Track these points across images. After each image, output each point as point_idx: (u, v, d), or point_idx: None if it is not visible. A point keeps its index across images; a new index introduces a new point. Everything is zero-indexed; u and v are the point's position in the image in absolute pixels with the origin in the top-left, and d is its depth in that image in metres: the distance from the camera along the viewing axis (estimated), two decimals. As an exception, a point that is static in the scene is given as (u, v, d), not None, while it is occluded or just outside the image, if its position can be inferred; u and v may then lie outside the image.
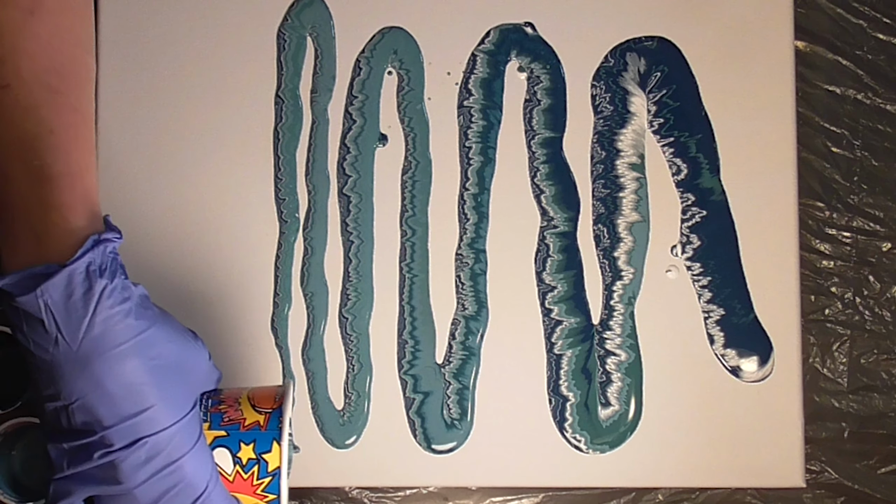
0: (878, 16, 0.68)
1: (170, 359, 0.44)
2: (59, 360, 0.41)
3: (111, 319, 0.42)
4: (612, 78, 0.66)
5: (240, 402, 0.50)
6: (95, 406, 0.41)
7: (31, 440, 0.64)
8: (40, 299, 0.40)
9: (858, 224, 0.67)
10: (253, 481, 0.48)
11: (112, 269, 0.42)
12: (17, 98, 0.42)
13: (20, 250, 0.42)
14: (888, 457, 0.66)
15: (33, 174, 0.42)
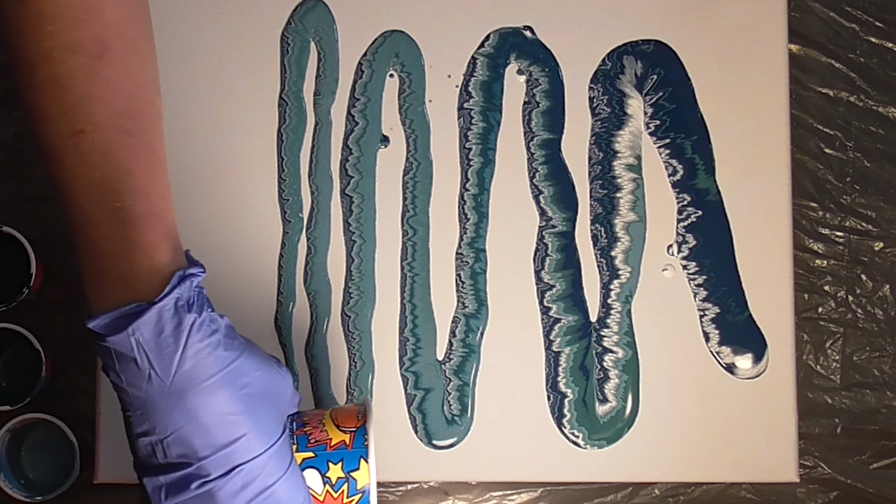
0: (871, 20, 0.68)
1: (258, 387, 0.44)
2: (152, 395, 0.41)
3: (201, 353, 0.42)
4: (610, 81, 0.66)
5: (324, 423, 0.50)
6: (190, 438, 0.41)
7: (39, 437, 0.64)
8: (132, 338, 0.40)
9: (851, 224, 0.68)
10: (343, 500, 0.48)
11: (199, 303, 0.43)
12: (94, 143, 0.41)
13: (107, 291, 0.42)
14: (880, 452, 0.66)
15: (115, 216, 0.42)
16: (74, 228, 0.43)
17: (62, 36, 0.41)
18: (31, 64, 0.41)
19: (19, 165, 0.66)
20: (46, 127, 0.42)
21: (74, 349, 0.65)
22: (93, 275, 0.42)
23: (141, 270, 0.41)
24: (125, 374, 0.41)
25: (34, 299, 0.65)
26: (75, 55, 0.41)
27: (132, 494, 0.64)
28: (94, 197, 0.42)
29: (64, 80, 0.41)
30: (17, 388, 0.65)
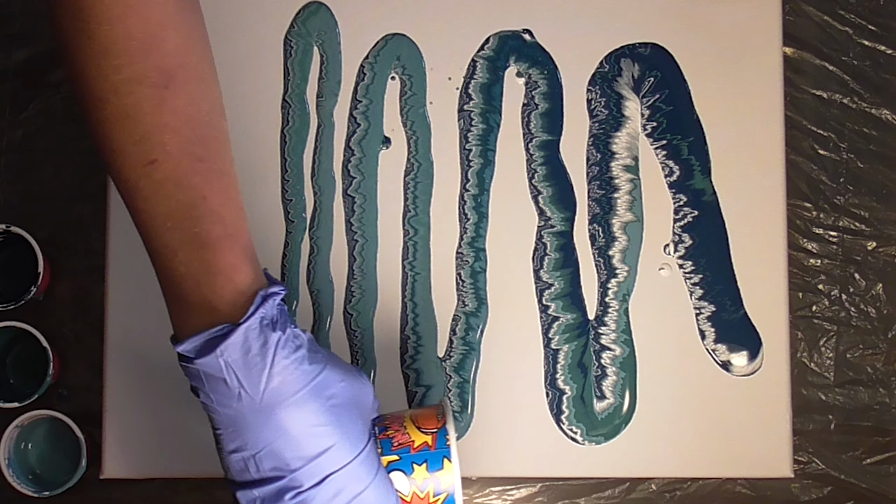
0: (864, 23, 0.68)
1: (343, 397, 0.44)
2: (243, 413, 0.42)
3: (287, 368, 0.42)
4: (607, 83, 0.66)
5: (404, 426, 0.50)
6: (282, 451, 0.42)
7: (47, 433, 0.65)
8: (220, 359, 0.41)
9: (844, 224, 0.68)
10: (429, 500, 0.49)
11: (282, 321, 0.43)
12: (167, 171, 0.42)
13: (192, 315, 0.42)
14: (873, 448, 0.66)
15: (194, 241, 0.42)
16: (153, 256, 0.43)
17: (128, 69, 0.41)
18: (99, 98, 0.41)
19: (27, 166, 0.66)
20: (118, 159, 0.42)
21: (81, 347, 0.65)
22: (175, 300, 0.43)
23: (223, 293, 0.42)
24: (215, 394, 0.42)
25: (41, 298, 0.65)
26: (142, 86, 0.41)
27: (138, 489, 0.64)
28: (172, 224, 0.42)
29: (133, 111, 0.41)
30: (25, 385, 0.65)
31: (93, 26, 0.41)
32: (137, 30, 0.41)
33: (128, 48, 0.41)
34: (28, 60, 0.67)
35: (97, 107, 0.42)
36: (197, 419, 0.63)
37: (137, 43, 0.41)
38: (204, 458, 0.63)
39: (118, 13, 0.41)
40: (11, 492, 0.61)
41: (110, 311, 0.64)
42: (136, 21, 0.41)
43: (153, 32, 0.42)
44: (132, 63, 0.41)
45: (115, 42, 0.41)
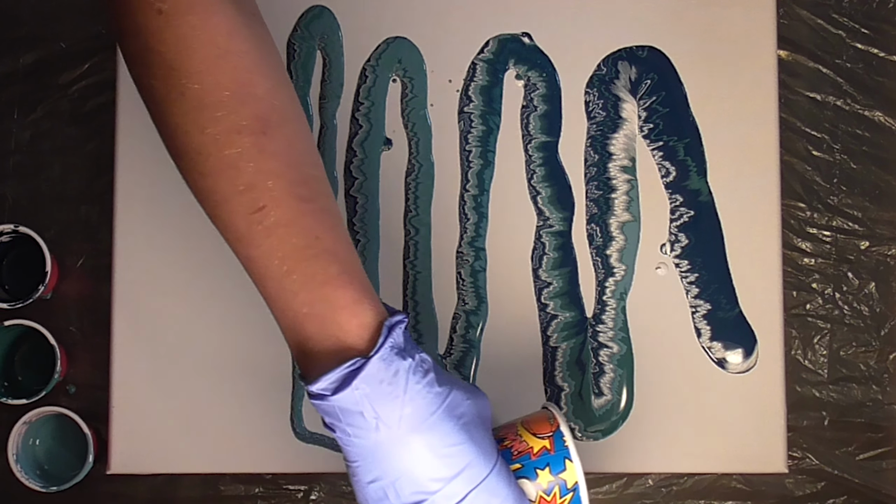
0: (857, 26, 0.68)
1: (471, 414, 0.44)
2: (380, 442, 0.41)
3: (420, 393, 0.42)
4: (605, 85, 0.66)
5: (519, 434, 0.51)
6: (421, 475, 0.41)
7: (55, 429, 0.65)
8: (356, 392, 0.40)
9: (838, 223, 0.68)
10: (556, 501, 0.49)
11: (409, 347, 0.43)
12: (276, 216, 0.41)
13: (320, 354, 0.42)
14: (866, 444, 0.66)
15: (313, 281, 0.41)
16: (271, 301, 0.43)
17: (225, 119, 0.41)
18: (198, 151, 0.41)
19: (35, 167, 0.67)
20: (224, 209, 0.42)
21: (88, 345, 0.65)
22: (301, 341, 0.42)
23: (349, 327, 0.41)
24: (352, 427, 0.41)
25: (49, 296, 0.66)
26: (241, 135, 0.41)
27: (144, 484, 0.65)
28: (288, 267, 0.41)
29: (235, 160, 0.41)
30: (33, 382, 0.65)
31: (184, 82, 0.41)
32: (229, 80, 0.41)
33: (222, 99, 0.41)
34: (36, 63, 0.67)
35: (197, 160, 0.42)
36: (202, 416, 0.63)
37: (230, 93, 0.41)
38: (208, 454, 0.63)
39: (208, 66, 0.41)
40: (20, 487, 0.62)
41: (117, 310, 0.64)
42: (226, 72, 0.41)
43: (244, 81, 0.42)
44: (229, 113, 0.41)
45: (208, 95, 0.41)
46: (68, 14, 0.67)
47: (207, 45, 0.41)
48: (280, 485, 0.65)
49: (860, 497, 0.66)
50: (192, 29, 0.41)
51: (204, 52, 0.41)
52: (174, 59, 0.41)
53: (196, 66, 0.41)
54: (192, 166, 0.42)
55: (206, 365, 0.64)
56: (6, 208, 0.66)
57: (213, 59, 0.41)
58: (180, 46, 0.41)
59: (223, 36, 0.42)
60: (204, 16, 0.42)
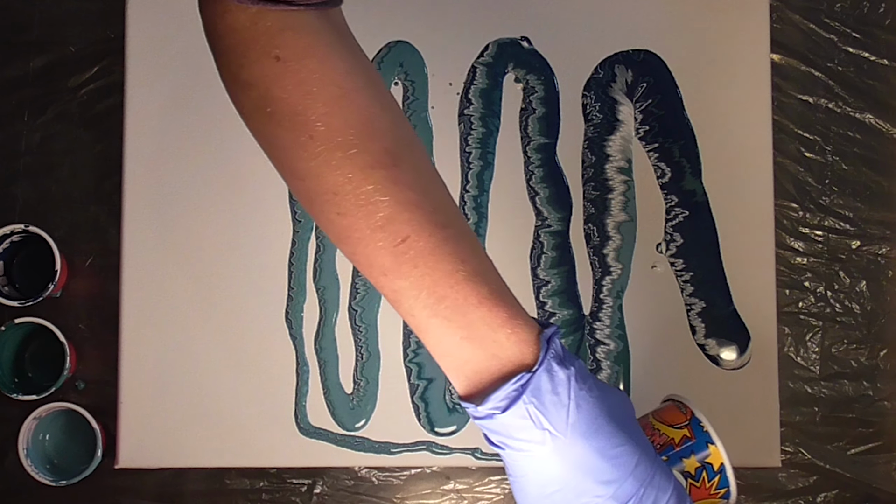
0: (848, 31, 0.69)
1: (628, 413, 0.44)
2: (551, 453, 0.40)
3: (584, 399, 0.41)
4: (602, 88, 0.66)
5: (656, 428, 0.51)
6: (594, 480, 0.41)
7: (64, 424, 0.65)
8: (526, 407, 0.40)
9: (830, 223, 0.68)
10: (705, 485, 0.49)
11: (566, 356, 0.42)
12: (421, 246, 0.40)
13: (482, 374, 0.41)
14: (857, 439, 0.67)
15: (467, 305, 0.41)
16: (423, 330, 0.42)
17: (358, 157, 0.40)
18: (333, 191, 0.40)
19: (45, 169, 0.67)
20: (366, 246, 0.41)
21: (97, 342, 0.66)
22: (459, 365, 0.41)
23: (508, 344, 0.41)
24: (523, 443, 0.41)
25: (59, 295, 0.66)
26: (374, 170, 0.40)
27: (151, 478, 0.65)
28: (441, 293, 0.40)
29: (372, 196, 0.40)
30: (43, 378, 0.66)
31: (311, 126, 0.40)
32: (354, 118, 0.41)
33: (350, 138, 0.40)
34: (46, 67, 0.67)
35: (334, 200, 0.41)
36: (208, 411, 0.64)
37: (357, 130, 0.40)
38: (214, 449, 0.64)
39: (332, 108, 0.40)
40: (30, 480, 0.62)
41: (125, 308, 0.64)
42: (351, 110, 0.41)
43: (368, 116, 0.41)
44: (360, 151, 0.40)
45: (337, 135, 0.40)
46: (77, 19, 0.67)
47: (329, 86, 0.41)
48: (284, 479, 0.65)
49: (851, 490, 0.66)
50: (312, 73, 0.41)
51: (327, 94, 0.41)
52: (297, 104, 0.40)
53: (320, 108, 0.40)
54: (328, 207, 0.41)
55: (212, 362, 0.64)
56: (17, 209, 0.66)
57: (337, 99, 0.41)
58: (303, 91, 0.40)
59: (342, 75, 0.41)
60: (322, 59, 0.41)
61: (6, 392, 0.62)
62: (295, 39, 0.41)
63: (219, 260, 0.65)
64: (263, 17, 0.40)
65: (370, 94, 0.42)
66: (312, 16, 0.41)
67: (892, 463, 0.66)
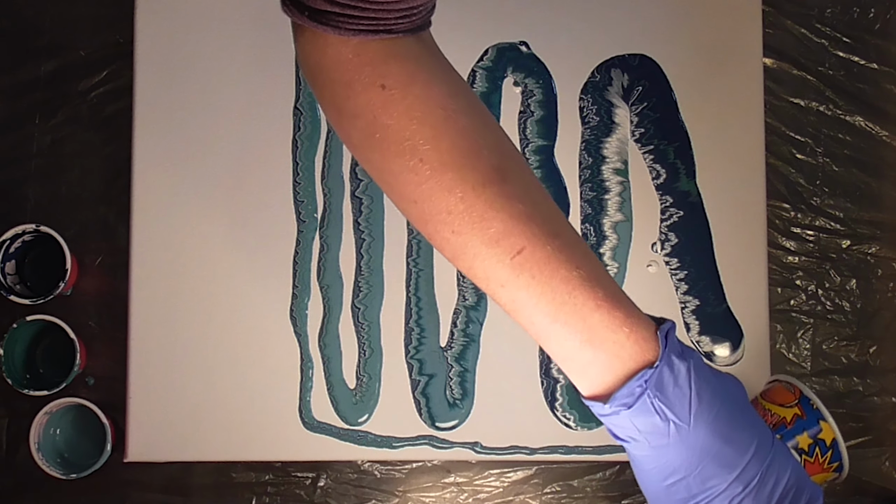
0: (839, 35, 0.69)
1: (741, 396, 0.44)
2: (676, 443, 0.41)
3: (704, 388, 0.41)
4: (599, 92, 0.67)
5: (766, 408, 0.52)
6: (718, 465, 0.41)
7: (74, 419, 0.66)
8: (651, 401, 0.40)
9: (821, 223, 0.68)
10: (819, 460, 0.51)
11: (684, 349, 0.42)
12: (537, 257, 0.41)
13: (605, 374, 0.41)
14: (848, 433, 0.67)
15: (586, 308, 0.41)
16: (544, 338, 0.42)
17: (469, 176, 0.40)
18: (448, 211, 0.41)
19: (56, 170, 0.67)
20: (481, 260, 0.41)
21: (106, 339, 0.66)
22: (581, 367, 0.42)
23: (628, 342, 0.41)
24: (647, 435, 0.41)
25: (69, 293, 0.66)
26: (485, 187, 0.41)
27: (159, 472, 0.65)
28: (560, 300, 0.41)
29: (485, 212, 0.40)
30: (53, 374, 0.66)
31: (420, 150, 0.40)
32: (461, 139, 0.41)
33: (459, 158, 0.41)
34: (57, 70, 0.68)
35: (448, 220, 0.41)
36: (215, 407, 0.64)
37: (465, 150, 0.41)
38: (221, 443, 0.64)
39: (439, 131, 0.41)
40: (41, 474, 0.62)
41: (133, 306, 0.65)
42: (458, 131, 0.41)
43: (474, 136, 0.41)
44: (471, 170, 0.41)
45: (446, 156, 0.41)
46: (87, 24, 0.68)
47: (435, 109, 0.41)
48: (289, 472, 0.66)
49: (842, 484, 0.66)
50: (417, 98, 0.41)
51: (433, 118, 0.41)
52: (405, 130, 0.41)
53: (428, 132, 0.41)
54: (442, 227, 0.42)
55: (218, 358, 0.65)
56: (28, 209, 0.67)
57: (443, 121, 0.41)
58: (409, 116, 0.41)
59: (446, 98, 0.42)
60: (425, 84, 0.41)
61: (18, 388, 0.63)
62: (399, 67, 0.41)
63: (224, 259, 0.65)
64: (366, 47, 0.41)
65: (473, 114, 0.42)
66: (411, 41, 0.42)
67: (881, 457, 0.67)
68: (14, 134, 0.67)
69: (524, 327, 0.42)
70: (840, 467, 0.52)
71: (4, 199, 0.67)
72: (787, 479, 0.43)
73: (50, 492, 0.65)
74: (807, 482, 0.44)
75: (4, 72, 0.68)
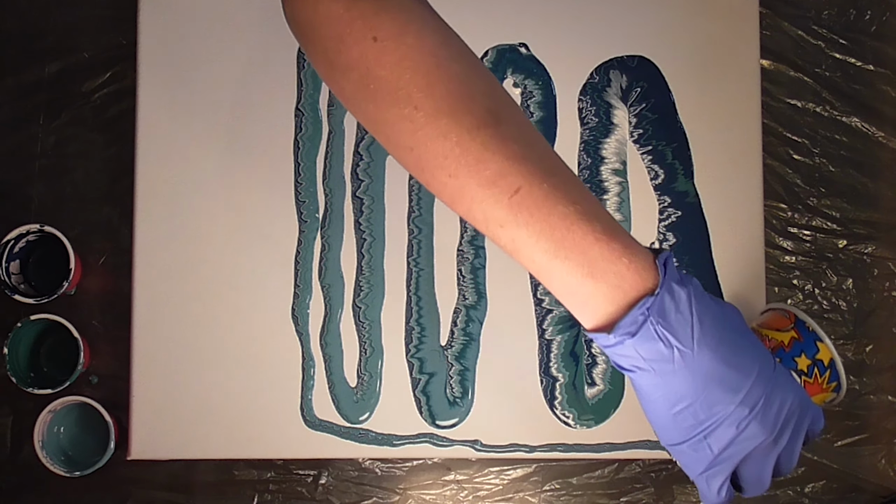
0: (835, 37, 0.69)
1: (740, 322, 0.44)
2: (682, 369, 0.41)
3: (705, 314, 0.42)
4: (597, 93, 0.67)
5: (763, 334, 0.52)
6: (723, 389, 0.42)
7: (78, 417, 0.66)
8: (654, 328, 0.41)
9: (817, 223, 0.69)
10: (818, 380, 0.51)
11: (682, 276, 0.43)
12: (535, 195, 0.41)
13: (607, 304, 0.42)
14: (844, 431, 0.67)
15: (585, 242, 0.41)
16: (544, 274, 0.42)
17: (464, 120, 0.41)
18: (444, 155, 0.41)
19: (60, 170, 0.68)
20: (479, 202, 0.42)
21: (109, 338, 0.66)
22: (583, 301, 0.42)
23: (629, 274, 0.41)
24: (652, 362, 0.42)
25: (73, 292, 0.67)
26: (480, 130, 0.41)
27: (162, 469, 0.66)
28: (559, 237, 0.41)
29: (481, 154, 0.41)
30: (57, 373, 0.66)
31: (414, 99, 0.41)
32: (455, 85, 0.41)
33: (454, 104, 0.41)
34: (61, 72, 0.68)
35: (444, 164, 0.41)
36: (217, 405, 0.64)
37: (457, 96, 0.41)
38: (223, 441, 0.64)
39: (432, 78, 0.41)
40: (46, 472, 0.63)
41: (136, 305, 0.65)
42: (450, 78, 0.42)
43: (466, 82, 0.42)
44: (465, 114, 0.41)
45: (441, 103, 0.41)
46: (91, 27, 0.68)
47: (427, 57, 0.42)
48: (291, 470, 0.66)
49: (838, 481, 0.66)
50: (410, 48, 0.41)
51: (426, 66, 0.41)
52: (399, 80, 0.41)
53: (421, 80, 0.41)
54: (439, 172, 0.42)
55: (220, 357, 0.65)
56: (33, 209, 0.67)
57: (435, 69, 0.41)
58: (403, 66, 0.41)
59: (437, 46, 0.42)
60: (417, 34, 0.42)
61: (22, 386, 0.63)
62: (390, 19, 0.42)
63: (227, 259, 0.65)
64: (356, 2, 0.41)
65: (465, 61, 0.43)
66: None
67: (877, 455, 0.67)
68: (19, 134, 0.67)
69: (526, 266, 0.43)
70: (838, 387, 0.52)
71: (9, 199, 0.67)
72: (791, 400, 0.43)
73: (54, 489, 0.65)
74: (809, 403, 0.44)
75: (9, 73, 0.68)
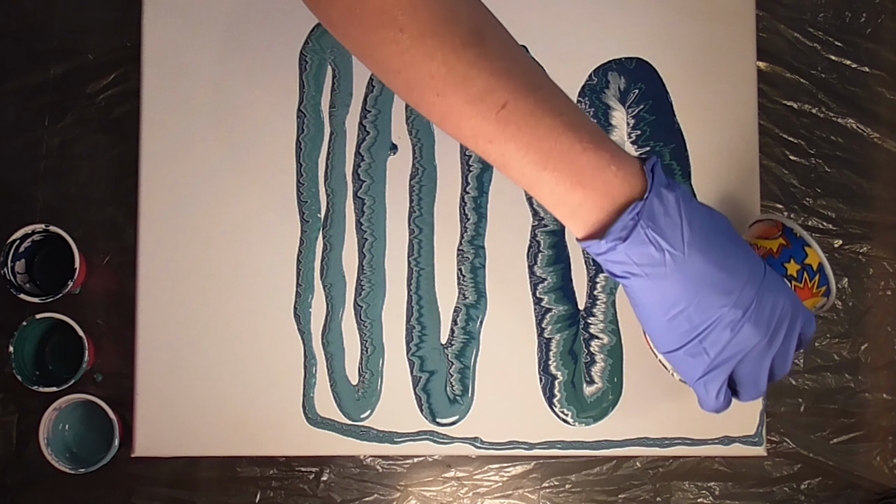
0: (831, 39, 0.70)
1: (728, 225, 0.45)
2: (674, 272, 0.42)
3: (693, 216, 0.42)
4: (596, 94, 0.67)
5: (752, 243, 0.52)
6: (715, 292, 0.42)
7: (83, 415, 0.66)
8: (644, 231, 0.41)
9: (813, 223, 0.69)
10: (807, 284, 0.51)
11: (670, 182, 0.43)
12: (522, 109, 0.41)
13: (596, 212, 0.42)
14: (839, 429, 0.67)
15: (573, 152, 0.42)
16: (534, 185, 0.43)
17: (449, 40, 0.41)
18: (431, 75, 0.42)
19: (65, 171, 0.68)
20: (467, 119, 0.42)
21: (114, 336, 0.67)
22: (573, 210, 0.43)
23: (616, 181, 0.42)
24: (645, 267, 0.42)
25: (78, 291, 0.67)
26: (465, 49, 0.41)
27: (166, 466, 0.66)
28: (547, 146, 0.42)
29: (467, 72, 0.41)
30: (62, 371, 0.66)
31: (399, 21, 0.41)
32: (438, 6, 0.42)
33: (437, 24, 0.41)
34: (66, 74, 0.68)
35: (432, 84, 0.42)
36: (220, 403, 0.64)
37: (441, 17, 0.41)
38: (226, 438, 0.64)
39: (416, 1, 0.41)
40: (50, 469, 0.63)
41: (140, 304, 0.65)
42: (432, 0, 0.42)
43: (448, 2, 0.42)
44: (450, 34, 0.41)
45: (425, 24, 0.41)
46: (95, 28, 0.68)
47: None
48: (293, 467, 0.66)
49: (833, 478, 0.67)
50: None
51: None
52: (383, 3, 0.41)
53: (405, 2, 0.41)
54: (427, 92, 0.42)
55: (223, 355, 0.65)
56: (38, 209, 0.67)
57: None
58: None
59: None
60: None
61: (28, 384, 0.63)
62: None
63: (230, 258, 0.65)
64: None
65: None
66: None
67: (872, 452, 0.67)
68: (24, 136, 0.68)
69: (516, 181, 0.43)
70: (828, 291, 0.52)
71: (15, 200, 0.67)
72: (783, 302, 0.43)
73: (58, 486, 0.65)
74: (801, 306, 0.45)
75: (15, 75, 0.68)
